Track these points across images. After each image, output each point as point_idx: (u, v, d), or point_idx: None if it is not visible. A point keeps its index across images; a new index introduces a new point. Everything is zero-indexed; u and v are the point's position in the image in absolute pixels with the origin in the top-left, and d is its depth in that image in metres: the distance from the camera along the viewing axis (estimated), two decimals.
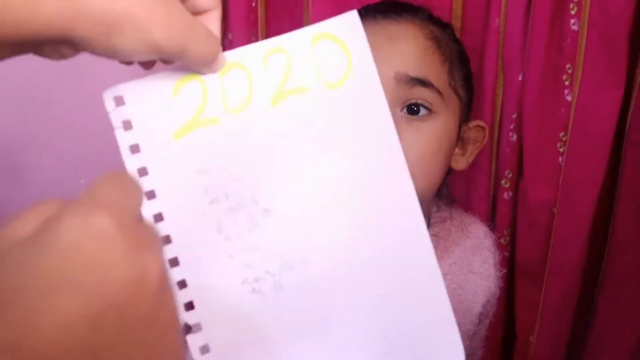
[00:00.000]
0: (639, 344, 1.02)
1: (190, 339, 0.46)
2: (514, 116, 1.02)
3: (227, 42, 1.12)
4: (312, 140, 0.49)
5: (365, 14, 0.82)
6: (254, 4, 1.09)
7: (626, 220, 1.00)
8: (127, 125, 0.44)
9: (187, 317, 0.46)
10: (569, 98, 0.98)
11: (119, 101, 0.44)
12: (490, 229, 0.97)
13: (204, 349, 0.46)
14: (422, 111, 0.77)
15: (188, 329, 0.46)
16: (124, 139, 0.45)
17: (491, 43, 1.01)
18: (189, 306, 0.46)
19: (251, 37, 1.10)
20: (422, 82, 0.77)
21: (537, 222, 1.03)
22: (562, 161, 1.00)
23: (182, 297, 0.46)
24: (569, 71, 0.97)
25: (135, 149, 0.45)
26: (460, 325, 0.88)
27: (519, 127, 1.02)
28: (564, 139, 0.99)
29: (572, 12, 0.94)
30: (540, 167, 1.01)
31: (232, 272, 0.47)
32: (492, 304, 0.93)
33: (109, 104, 0.44)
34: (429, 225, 0.88)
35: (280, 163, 0.48)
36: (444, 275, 0.87)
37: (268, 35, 1.12)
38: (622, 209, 1.00)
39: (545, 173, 1.01)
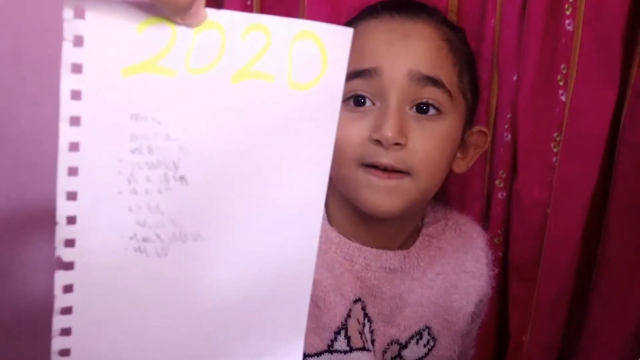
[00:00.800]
0: (631, 344, 1.02)
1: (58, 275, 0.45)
2: (509, 116, 1.03)
3: None
4: (252, 126, 0.48)
5: (382, 9, 0.82)
6: (249, 2, 1.09)
7: (619, 221, 1.00)
8: (78, 42, 0.41)
9: (65, 254, 0.45)
10: (563, 98, 0.98)
11: (79, 13, 0.41)
12: (484, 229, 0.98)
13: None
14: (431, 111, 0.77)
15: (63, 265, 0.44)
16: (69, 54, 0.41)
17: (486, 43, 1.02)
18: (69, 243, 0.44)
19: None
20: (434, 82, 0.77)
21: (530, 222, 1.04)
22: (556, 161, 1.00)
23: (66, 233, 0.44)
24: (564, 71, 0.97)
25: (77, 68, 0.41)
26: (453, 324, 0.89)
27: (514, 127, 1.02)
28: (558, 139, 1.00)
29: (567, 13, 0.95)
30: (534, 168, 1.02)
31: (124, 224, 0.45)
32: (485, 303, 0.93)
33: (68, 13, 0.40)
34: (422, 225, 0.88)
35: (213, 137, 0.47)
36: (437, 274, 0.88)
37: None
38: (615, 209, 1.01)
39: (539, 173, 1.01)
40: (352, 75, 0.78)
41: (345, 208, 0.83)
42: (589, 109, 0.96)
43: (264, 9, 1.11)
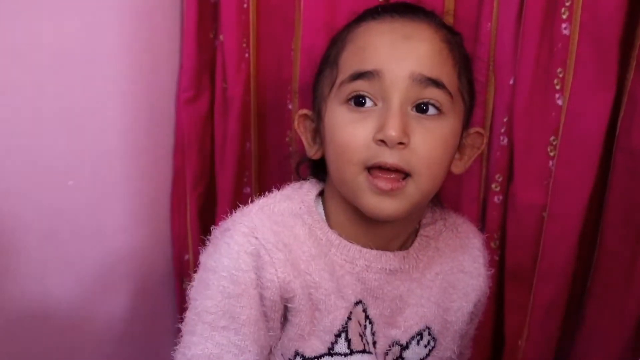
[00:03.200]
0: (626, 348, 1.03)
1: None
2: (505, 120, 1.03)
3: (219, 44, 1.11)
4: None
5: (382, 12, 0.82)
6: (245, 5, 1.08)
7: (615, 225, 1.01)
8: None
9: None
10: (559, 102, 0.98)
11: None
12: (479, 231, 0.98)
13: None
14: (431, 110, 0.77)
15: None
16: None
17: (482, 47, 1.02)
18: None
19: (242, 38, 1.09)
20: (436, 83, 0.77)
21: (527, 226, 1.04)
22: (552, 165, 1.00)
23: None
24: (560, 75, 0.97)
25: None
26: (452, 324, 0.89)
27: (510, 131, 1.02)
28: (554, 143, 1.00)
29: (564, 17, 0.95)
30: (531, 171, 1.02)
31: None
32: (483, 303, 0.94)
33: None
34: (420, 226, 0.88)
35: None
36: (435, 274, 0.88)
37: (259, 37, 1.11)
38: (611, 214, 1.01)
39: (536, 177, 1.02)
40: (354, 76, 0.78)
41: (345, 210, 0.83)
42: (585, 113, 0.96)
43: (261, 14, 1.11)
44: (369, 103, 0.77)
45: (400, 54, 0.77)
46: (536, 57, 0.97)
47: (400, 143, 0.74)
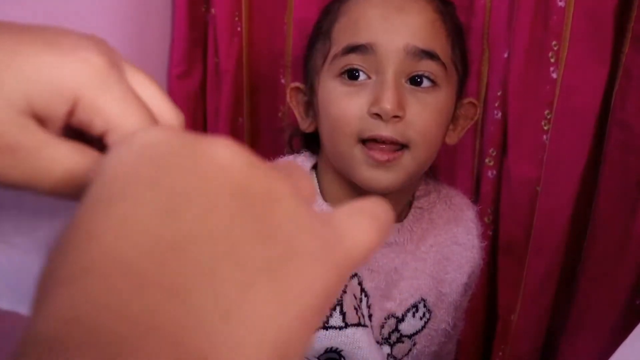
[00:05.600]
0: (619, 322, 1.03)
1: None
2: (499, 94, 1.02)
3: (210, 18, 1.10)
4: None
5: None
6: None
7: (609, 199, 1.01)
8: None
9: None
10: (554, 76, 0.97)
11: None
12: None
13: None
14: (425, 82, 0.77)
15: None
16: None
17: (477, 20, 1.01)
18: None
19: (234, 12, 1.08)
20: (430, 55, 0.77)
21: (520, 200, 1.04)
22: (546, 139, 1.00)
23: None
24: (555, 48, 0.96)
25: None
26: (447, 295, 0.89)
27: (504, 105, 1.02)
28: (548, 117, 0.99)
29: None
30: (525, 145, 1.01)
31: None
32: (476, 274, 0.94)
33: None
34: (414, 198, 0.88)
35: None
36: (430, 246, 0.88)
37: (251, 10, 1.10)
38: (604, 187, 1.01)
39: (530, 151, 1.01)
40: (347, 50, 0.77)
41: (340, 183, 0.82)
42: (580, 86, 0.96)
43: (253, 3, 1.09)
44: (362, 76, 0.77)
45: (393, 27, 0.77)
46: (531, 30, 0.96)
47: (396, 116, 0.74)
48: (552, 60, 0.97)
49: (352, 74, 0.77)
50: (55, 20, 0.93)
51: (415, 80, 0.77)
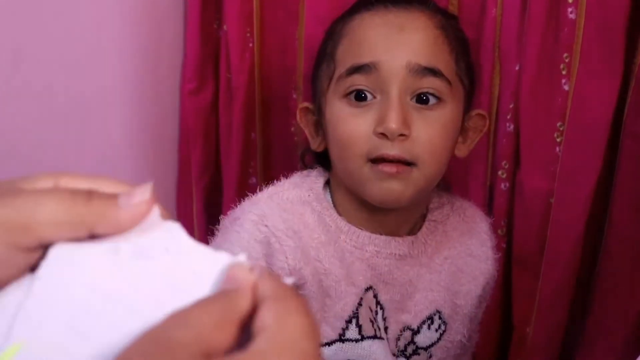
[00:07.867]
0: (635, 334, 1.02)
1: None
2: (511, 106, 1.02)
3: (222, 34, 1.11)
4: None
5: (376, 2, 0.83)
6: None
7: (623, 211, 1.00)
8: None
9: None
10: (566, 87, 0.98)
11: None
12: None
13: None
14: (432, 100, 0.78)
15: None
16: None
17: (488, 33, 1.01)
18: None
19: (246, 28, 1.09)
20: (433, 72, 0.78)
21: (534, 212, 1.03)
22: (559, 151, 1.00)
23: None
24: (567, 60, 0.97)
25: None
26: (462, 307, 0.89)
27: (516, 118, 1.02)
28: (561, 128, 0.99)
29: (570, 1, 0.94)
30: (538, 158, 1.01)
31: None
32: (491, 286, 0.94)
33: None
34: (427, 210, 0.89)
35: None
36: (444, 259, 0.88)
37: (263, 26, 1.11)
38: (618, 199, 1.00)
39: (543, 163, 1.01)
40: (351, 70, 0.78)
41: (352, 199, 0.83)
42: (592, 98, 0.96)
43: (264, 3, 1.10)
44: (368, 97, 0.78)
45: (395, 45, 0.78)
46: (542, 42, 0.96)
47: (402, 135, 0.75)
48: (564, 72, 0.97)
49: (359, 96, 0.78)
50: (72, 39, 0.94)
51: (421, 99, 0.78)
